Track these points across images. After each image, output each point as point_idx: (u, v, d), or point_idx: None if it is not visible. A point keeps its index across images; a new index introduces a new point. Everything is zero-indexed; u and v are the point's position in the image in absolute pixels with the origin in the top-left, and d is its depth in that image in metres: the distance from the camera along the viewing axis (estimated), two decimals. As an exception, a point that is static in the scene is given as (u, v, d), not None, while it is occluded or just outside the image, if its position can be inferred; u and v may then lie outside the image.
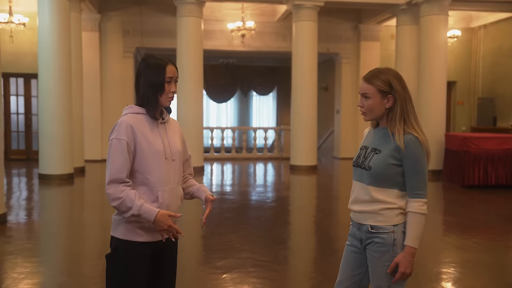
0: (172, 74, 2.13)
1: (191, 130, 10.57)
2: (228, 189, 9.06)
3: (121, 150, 2.05)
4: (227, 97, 19.00)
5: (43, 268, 4.24)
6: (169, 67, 2.12)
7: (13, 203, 7.09)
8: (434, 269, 4.53)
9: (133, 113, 2.13)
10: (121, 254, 2.10)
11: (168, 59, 2.16)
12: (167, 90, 2.12)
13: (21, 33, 11.34)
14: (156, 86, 2.10)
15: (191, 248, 5.22)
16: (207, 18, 12.47)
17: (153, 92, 2.10)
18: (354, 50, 13.64)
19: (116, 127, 2.10)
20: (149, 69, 2.11)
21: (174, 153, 2.18)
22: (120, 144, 2.06)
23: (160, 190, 2.11)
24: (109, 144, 2.09)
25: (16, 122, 12.31)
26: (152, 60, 2.14)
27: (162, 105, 2.16)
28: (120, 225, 2.12)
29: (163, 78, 2.10)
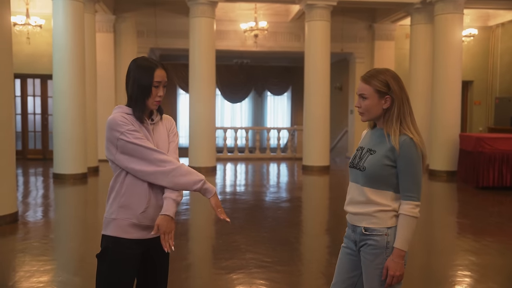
0: (161, 78, 2.13)
1: (203, 130, 10.62)
2: (239, 189, 9.08)
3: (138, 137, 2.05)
4: (242, 97, 19.02)
5: (50, 266, 4.31)
6: (158, 71, 2.12)
7: (26, 202, 7.23)
8: (441, 272, 4.47)
9: (122, 112, 2.14)
10: (110, 252, 2.12)
11: (159, 62, 2.16)
12: (154, 94, 2.12)
13: (38, 34, 11.54)
14: (143, 88, 2.10)
15: (198, 248, 5.25)
16: (220, 18, 12.51)
17: (140, 95, 2.11)
18: (368, 50, 13.53)
19: (113, 125, 2.07)
20: (138, 70, 2.11)
21: None
22: (132, 134, 2.05)
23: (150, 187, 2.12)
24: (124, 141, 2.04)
25: (33, 122, 12.53)
26: (143, 61, 2.14)
27: (149, 108, 2.16)
28: (110, 223, 2.14)
29: (151, 81, 2.10)
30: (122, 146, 2.06)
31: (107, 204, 2.18)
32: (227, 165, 12.20)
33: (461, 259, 4.87)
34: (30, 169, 10.92)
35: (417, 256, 4.94)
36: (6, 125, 5.71)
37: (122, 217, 2.11)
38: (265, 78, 18.77)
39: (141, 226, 2.12)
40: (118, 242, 2.12)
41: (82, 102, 9.17)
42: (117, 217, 2.12)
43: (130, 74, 2.13)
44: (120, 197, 2.12)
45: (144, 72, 2.10)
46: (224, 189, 9.11)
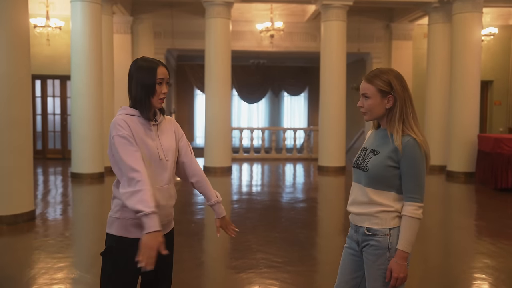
0: (163, 75, 2.16)
1: (219, 130, 10.67)
2: (254, 189, 9.09)
3: (126, 144, 2.07)
4: (258, 97, 19.05)
5: (64, 264, 4.39)
6: (160, 68, 2.15)
7: (44, 201, 7.37)
8: (454, 274, 4.41)
9: (126, 114, 2.16)
10: (114, 250, 2.15)
11: (159, 61, 2.20)
12: (158, 92, 2.15)
13: (57, 36, 11.75)
14: (147, 87, 2.13)
15: (210, 247, 5.28)
16: (236, 19, 12.56)
17: (145, 94, 2.13)
18: (386, 50, 13.42)
19: (111, 127, 2.12)
20: (140, 70, 2.14)
21: (166, 154, 2.21)
22: (123, 139, 2.08)
23: (154, 188, 2.13)
24: (112, 143, 2.10)
25: (53, 122, 12.76)
26: (143, 62, 2.17)
27: (154, 106, 2.18)
28: (114, 222, 2.17)
29: (154, 80, 2.13)
30: (111, 148, 2.12)
31: (112, 203, 2.21)
32: (243, 166, 12.23)
33: (476, 262, 4.80)
34: (50, 168, 11.13)
35: (432, 258, 4.90)
36: (23, 125, 5.83)
37: (126, 216, 2.14)
38: (281, 78, 18.78)
39: None
40: (121, 241, 2.15)
41: (99, 103, 9.31)
42: (120, 216, 2.15)
43: (132, 76, 2.16)
44: None
45: (147, 71, 2.13)
46: (239, 189, 9.14)
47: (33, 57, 11.96)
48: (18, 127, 5.74)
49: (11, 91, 5.66)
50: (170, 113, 17.05)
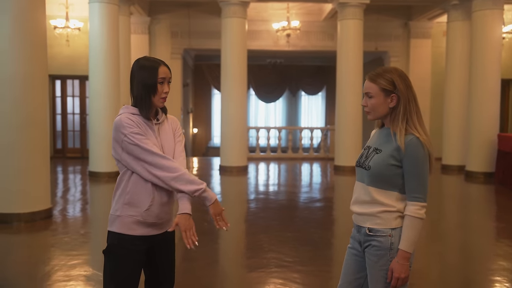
0: (165, 75, 2.16)
1: (235, 129, 10.68)
2: (269, 189, 9.08)
3: (141, 140, 2.08)
4: (276, 97, 19.03)
5: (77, 261, 4.45)
6: (162, 68, 2.16)
7: (61, 199, 7.50)
8: (470, 276, 4.34)
9: (129, 113, 2.17)
10: (116, 248, 2.18)
11: (161, 60, 2.20)
12: (159, 91, 2.15)
13: (77, 37, 11.93)
14: (149, 86, 2.14)
15: (222, 246, 5.29)
16: (253, 18, 12.57)
17: (146, 93, 2.14)
18: (404, 48, 13.27)
19: (119, 126, 2.10)
20: (142, 70, 2.15)
21: (167, 153, 2.22)
22: (136, 136, 2.08)
23: (154, 186, 2.15)
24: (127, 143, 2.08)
25: (72, 121, 12.97)
26: (145, 61, 2.18)
27: (156, 105, 2.19)
28: (116, 220, 2.19)
29: (156, 79, 2.13)
30: (126, 147, 2.10)
31: (113, 201, 2.23)
32: (260, 165, 12.23)
33: (492, 263, 4.71)
34: (69, 167, 11.31)
35: (449, 258, 4.83)
36: (40, 124, 5.94)
37: (127, 214, 2.16)
38: (299, 78, 18.73)
39: (145, 223, 2.17)
40: (123, 239, 2.17)
41: (116, 103, 9.41)
42: (122, 214, 2.17)
43: (134, 75, 2.17)
44: (125, 195, 2.16)
45: (148, 70, 2.14)
46: (255, 188, 9.15)
47: (53, 57, 12.29)
48: (35, 126, 5.84)
49: (29, 91, 5.77)
50: (187, 113, 17.17)
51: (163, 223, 2.25)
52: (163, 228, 2.26)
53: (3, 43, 5.67)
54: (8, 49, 5.66)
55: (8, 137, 5.72)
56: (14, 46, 5.67)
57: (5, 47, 5.66)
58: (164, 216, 2.23)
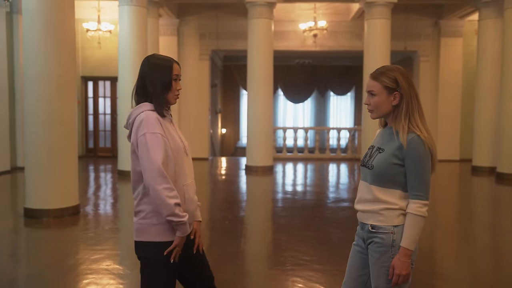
0: (177, 72, 2.20)
1: (261, 129, 10.74)
2: (293, 189, 9.10)
3: (159, 143, 2.05)
4: (304, 97, 18.99)
5: (99, 255, 4.61)
6: (175, 65, 2.20)
7: (89, 196, 7.75)
8: (497, 278, 4.26)
9: (150, 110, 2.15)
10: (156, 257, 2.14)
11: (171, 58, 2.24)
12: (174, 88, 2.19)
13: (108, 39, 12.26)
14: (164, 84, 2.16)
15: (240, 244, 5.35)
16: (280, 19, 12.60)
17: (161, 91, 2.15)
18: (434, 47, 13.02)
19: (143, 123, 2.07)
20: (156, 68, 2.16)
21: (187, 149, 2.27)
22: (156, 138, 2.05)
23: (184, 184, 2.18)
24: (140, 141, 2.05)
25: (104, 122, 13.33)
26: (157, 60, 2.19)
27: (170, 103, 2.21)
28: (150, 228, 2.13)
29: (171, 77, 2.17)
30: (141, 142, 2.07)
31: (137, 206, 2.17)
32: (286, 165, 12.26)
33: None
34: (100, 166, 11.64)
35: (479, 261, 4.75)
36: (69, 124, 6.16)
37: (163, 221, 2.11)
38: (327, 78, 18.63)
39: None
40: (162, 246, 2.13)
41: (144, 103, 9.62)
42: (158, 222, 2.12)
43: (145, 74, 2.18)
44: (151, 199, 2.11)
45: (163, 68, 2.16)
46: (279, 188, 9.18)
47: (86, 59, 12.69)
48: (64, 125, 6.07)
49: (58, 91, 6.00)
50: (216, 113, 17.34)
51: (191, 223, 2.27)
52: (192, 218, 2.27)
53: (33, 45, 5.92)
54: (38, 50, 5.90)
55: (37, 135, 5.96)
56: (44, 47, 5.91)
57: (35, 48, 5.91)
58: (194, 213, 2.27)
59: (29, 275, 4.24)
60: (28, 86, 6.03)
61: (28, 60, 6.01)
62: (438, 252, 5.17)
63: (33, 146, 6.02)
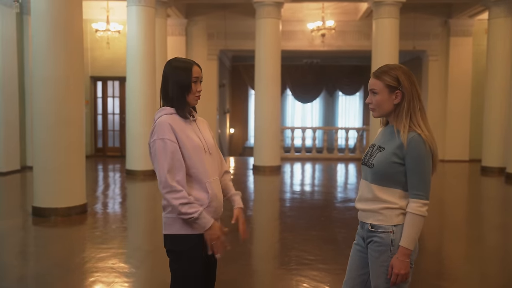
0: (198, 74, 2.24)
1: (268, 129, 10.75)
2: (300, 188, 9.09)
3: (166, 150, 2.14)
4: (312, 97, 18.95)
5: (105, 254, 4.64)
6: (195, 67, 2.24)
7: (97, 195, 7.80)
8: (507, 279, 4.22)
9: (167, 114, 2.24)
10: (183, 250, 2.21)
11: (193, 60, 2.28)
12: (194, 90, 2.24)
13: (117, 40, 12.35)
14: (184, 86, 2.22)
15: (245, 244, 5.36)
16: (288, 19, 12.60)
17: (182, 92, 2.23)
18: (443, 47, 12.93)
19: (156, 129, 2.18)
20: (177, 71, 2.23)
21: (210, 147, 2.31)
22: (164, 144, 2.15)
23: (207, 182, 2.22)
24: (151, 146, 2.18)
25: (112, 121, 13.42)
26: (178, 62, 2.26)
27: (190, 104, 2.27)
28: (175, 221, 2.20)
29: (190, 79, 2.22)
30: (152, 147, 2.19)
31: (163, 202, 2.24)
32: (294, 165, 12.25)
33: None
34: (109, 165, 11.72)
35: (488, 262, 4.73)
36: (76, 123, 6.21)
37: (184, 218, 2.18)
38: (336, 78, 18.57)
39: None
40: (188, 239, 2.19)
41: (152, 103, 9.68)
42: None
43: (168, 76, 2.24)
44: None
45: (183, 71, 2.22)
46: (286, 188, 9.18)
47: (95, 60, 12.78)
48: (71, 125, 6.12)
49: (65, 91, 6.05)
50: (224, 113, 17.38)
51: (220, 217, 2.34)
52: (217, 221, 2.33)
53: (41, 46, 5.98)
54: (46, 52, 5.96)
55: (45, 135, 6.03)
56: (52, 49, 5.96)
57: (43, 49, 5.97)
58: (220, 210, 2.31)
59: (36, 273, 4.29)
60: (36, 87, 6.09)
61: (36, 61, 6.08)
62: (447, 253, 5.14)
63: (41, 146, 6.08)
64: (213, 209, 2.24)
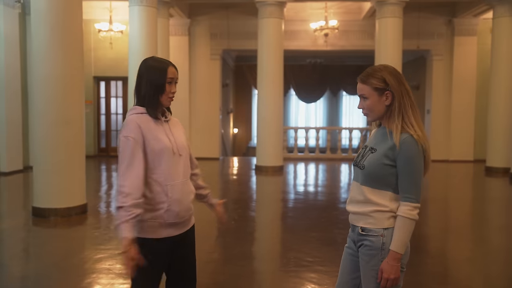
0: (173, 75, 2.21)
1: (271, 129, 10.72)
2: (302, 189, 9.05)
3: (128, 148, 2.13)
4: (316, 97, 18.89)
5: (103, 255, 4.63)
6: (170, 68, 2.21)
7: (98, 195, 7.80)
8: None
9: (137, 113, 2.22)
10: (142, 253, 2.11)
11: (169, 61, 2.25)
12: (167, 91, 2.20)
13: (120, 39, 12.35)
14: (157, 86, 2.18)
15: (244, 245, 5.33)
16: (291, 18, 12.56)
17: (154, 92, 2.19)
18: (447, 46, 12.84)
19: (124, 126, 2.19)
20: (151, 70, 2.20)
21: (180, 149, 2.26)
22: (127, 141, 2.13)
23: (169, 184, 2.17)
24: (118, 141, 2.20)
25: (116, 121, 13.43)
26: (154, 62, 2.23)
27: (163, 105, 2.24)
28: (137, 225, 2.15)
29: (165, 79, 2.18)
30: (118, 145, 2.20)
31: None
32: (297, 165, 12.20)
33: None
34: (112, 165, 11.72)
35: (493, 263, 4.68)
36: (76, 123, 6.21)
37: (147, 218, 2.16)
38: (340, 78, 18.49)
39: (167, 224, 2.18)
40: (148, 243, 2.14)
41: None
42: (142, 218, 2.15)
43: (142, 75, 2.21)
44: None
45: (157, 70, 2.19)
46: (288, 188, 9.14)
47: (98, 60, 12.79)
48: (71, 125, 6.12)
49: (64, 91, 6.05)
50: (227, 113, 17.35)
51: (185, 221, 2.27)
52: (185, 227, 2.29)
53: (41, 46, 5.98)
54: (45, 51, 5.96)
55: (44, 135, 6.03)
56: (51, 48, 5.96)
57: (42, 49, 5.97)
58: (184, 214, 2.25)
59: (32, 274, 4.28)
60: (35, 87, 6.10)
61: (36, 61, 6.08)
62: (450, 254, 5.08)
63: (40, 146, 6.08)
64: (174, 214, 2.19)
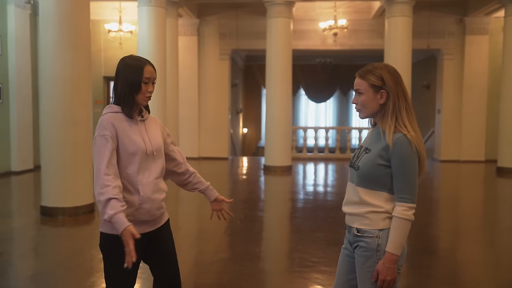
0: (150, 74, 2.18)
1: (279, 129, 10.70)
2: (310, 189, 9.02)
3: (105, 146, 2.11)
4: (326, 96, 18.82)
5: (108, 254, 4.65)
6: (147, 67, 2.18)
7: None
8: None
9: (112, 112, 2.20)
10: (113, 249, 2.14)
11: (147, 60, 2.22)
12: (144, 90, 2.17)
13: (129, 40, 12.41)
14: (133, 85, 2.16)
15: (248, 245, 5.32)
16: (300, 18, 12.53)
17: (130, 91, 2.17)
18: (458, 46, 12.70)
19: (98, 125, 2.17)
20: (127, 69, 2.17)
21: (155, 149, 2.24)
22: (104, 139, 2.11)
23: (140, 184, 2.16)
24: (93, 142, 2.16)
25: (125, 121, 13.49)
26: (131, 60, 2.20)
27: (140, 104, 2.21)
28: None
29: (141, 78, 2.16)
30: (93, 144, 2.17)
31: None
32: (306, 165, 12.16)
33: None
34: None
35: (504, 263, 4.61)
36: (84, 123, 6.25)
37: None
38: (350, 77, 18.32)
39: (137, 221, 2.16)
40: (117, 239, 2.07)
41: (162, 103, 9.70)
42: None
43: (120, 73, 2.19)
44: None
45: (134, 69, 2.16)
46: (295, 188, 9.11)
47: (108, 60, 12.87)
48: (79, 125, 6.16)
49: (74, 92, 6.09)
50: (237, 113, 17.36)
51: (156, 219, 2.28)
52: (157, 224, 2.29)
53: (49, 47, 6.03)
54: (53, 52, 6.01)
55: (52, 135, 6.08)
56: (59, 48, 6.01)
57: (50, 50, 6.02)
58: (155, 212, 2.24)
59: (37, 272, 4.31)
60: (44, 87, 6.15)
61: (44, 62, 6.13)
62: (459, 256, 5.01)
63: (49, 146, 6.13)
64: (145, 211, 2.18)
